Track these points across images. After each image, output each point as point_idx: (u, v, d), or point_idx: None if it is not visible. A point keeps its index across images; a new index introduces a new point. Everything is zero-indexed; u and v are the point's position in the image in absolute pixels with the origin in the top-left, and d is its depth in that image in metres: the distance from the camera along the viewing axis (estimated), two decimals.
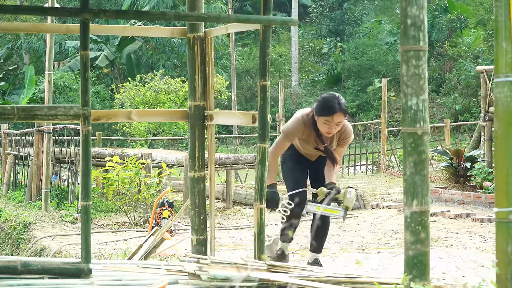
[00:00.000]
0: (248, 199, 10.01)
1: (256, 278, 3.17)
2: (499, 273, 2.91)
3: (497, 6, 2.93)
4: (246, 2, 37.29)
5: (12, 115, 3.37)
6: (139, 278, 3.46)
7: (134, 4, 28.87)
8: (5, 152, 12.76)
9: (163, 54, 29.51)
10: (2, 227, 8.96)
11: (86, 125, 3.47)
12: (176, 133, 19.16)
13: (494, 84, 2.96)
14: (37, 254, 7.15)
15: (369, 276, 3.38)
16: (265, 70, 3.71)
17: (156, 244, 4.93)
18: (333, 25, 32.51)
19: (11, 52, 32.19)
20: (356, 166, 16.19)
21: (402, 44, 3.12)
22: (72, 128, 9.92)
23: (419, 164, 3.09)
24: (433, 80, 28.65)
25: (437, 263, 5.64)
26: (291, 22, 3.90)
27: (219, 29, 4.14)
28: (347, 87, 30.82)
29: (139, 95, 19.26)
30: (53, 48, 8.79)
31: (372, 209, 9.23)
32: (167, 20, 5.32)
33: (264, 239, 3.76)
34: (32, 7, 3.38)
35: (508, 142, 2.92)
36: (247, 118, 3.89)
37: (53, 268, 3.41)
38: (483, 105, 9.92)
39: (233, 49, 13.65)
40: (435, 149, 11.96)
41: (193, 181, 4.12)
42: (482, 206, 8.73)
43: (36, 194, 10.08)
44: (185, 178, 8.98)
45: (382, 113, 15.20)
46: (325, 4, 32.56)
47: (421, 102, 3.10)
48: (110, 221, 8.57)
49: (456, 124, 20.03)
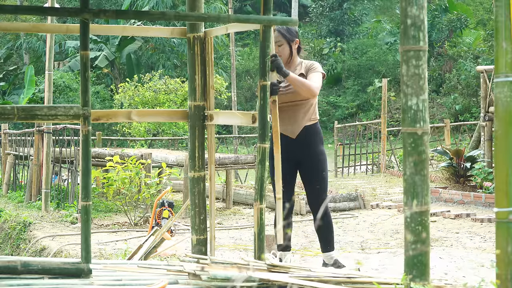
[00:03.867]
0: (248, 199, 10.01)
1: (256, 278, 3.17)
2: (499, 273, 2.91)
3: (497, 6, 2.93)
4: (246, 2, 37.30)
5: (12, 115, 3.37)
6: (139, 278, 3.45)
7: (133, 4, 28.88)
8: (5, 152, 12.76)
9: (163, 54, 29.52)
10: (2, 227, 8.96)
11: (86, 125, 3.47)
12: (176, 133, 19.16)
13: (494, 84, 2.96)
14: (37, 254, 7.15)
15: (369, 276, 3.38)
16: (265, 70, 3.71)
17: (156, 244, 4.93)
18: (333, 25, 32.52)
19: (11, 52, 32.20)
20: (356, 166, 16.20)
21: (402, 44, 3.11)
22: (72, 128, 9.92)
23: (419, 164, 3.09)
24: (433, 80, 28.66)
25: (437, 263, 5.64)
26: (291, 22, 3.90)
27: (219, 29, 4.14)
28: (347, 87, 30.83)
29: (138, 95, 19.27)
30: (53, 48, 8.79)
31: (372, 209, 9.23)
32: (167, 20, 5.32)
33: (264, 239, 3.76)
34: (32, 7, 3.38)
35: (508, 142, 2.92)
36: (247, 118, 3.89)
37: (53, 268, 3.41)
38: (483, 105, 9.92)
39: (233, 49, 13.65)
40: (435, 149, 11.96)
41: (193, 181, 4.11)
42: (482, 206, 8.73)
43: (36, 194, 10.08)
44: (185, 178, 8.98)
45: (382, 113, 15.20)
46: (325, 4, 32.57)
47: (421, 102, 3.10)
48: (110, 221, 8.57)
49: (456, 124, 20.03)
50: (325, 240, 5.21)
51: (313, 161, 5.10)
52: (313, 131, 5.09)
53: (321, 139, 5.15)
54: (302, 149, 5.10)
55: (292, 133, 5.07)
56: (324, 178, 5.12)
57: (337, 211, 9.12)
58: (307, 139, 5.08)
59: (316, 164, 5.10)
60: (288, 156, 4.99)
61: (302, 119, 5.05)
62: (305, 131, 5.07)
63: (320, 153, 5.11)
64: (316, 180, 5.11)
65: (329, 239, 5.20)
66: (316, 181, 5.11)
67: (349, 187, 12.05)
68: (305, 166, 5.14)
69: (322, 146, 5.17)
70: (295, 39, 5.08)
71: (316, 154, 5.10)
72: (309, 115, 5.07)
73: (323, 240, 5.21)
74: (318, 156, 5.10)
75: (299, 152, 5.10)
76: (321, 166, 5.11)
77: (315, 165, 5.11)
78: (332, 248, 5.23)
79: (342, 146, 16.05)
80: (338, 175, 15.66)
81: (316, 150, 5.10)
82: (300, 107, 5.04)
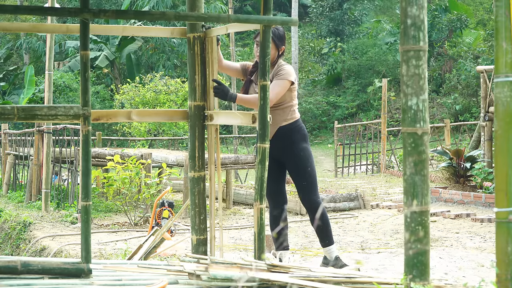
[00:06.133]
0: (248, 199, 10.01)
1: (257, 278, 3.17)
2: (499, 273, 2.91)
3: (497, 6, 2.93)
4: (246, 2, 37.30)
5: (12, 115, 3.37)
6: (139, 278, 3.46)
7: (133, 4, 28.87)
8: (5, 152, 12.76)
9: (163, 54, 29.50)
10: (2, 227, 8.96)
11: (86, 125, 3.47)
12: (176, 133, 19.16)
13: (494, 84, 2.96)
14: (37, 254, 7.15)
15: (369, 276, 3.38)
16: (265, 70, 3.72)
17: (156, 244, 4.93)
18: (333, 25, 32.51)
19: (11, 52, 32.20)
20: (356, 166, 16.20)
21: (402, 44, 3.12)
22: (72, 128, 9.92)
23: (419, 164, 3.09)
24: (433, 80, 28.66)
25: (437, 263, 5.65)
26: (291, 22, 3.90)
27: (219, 29, 4.14)
28: (347, 87, 30.82)
29: (138, 96, 19.27)
30: (53, 48, 8.78)
31: (372, 209, 9.23)
32: (167, 20, 5.32)
33: (264, 239, 3.76)
34: (32, 7, 3.38)
35: (508, 142, 2.92)
36: (247, 118, 3.89)
37: (53, 268, 3.41)
38: (483, 105, 9.92)
39: (233, 49, 13.65)
40: (435, 149, 11.96)
41: (193, 181, 4.12)
42: (482, 206, 8.73)
43: (36, 194, 10.08)
44: (185, 178, 8.98)
45: (382, 113, 15.21)
46: (325, 4, 32.56)
47: (421, 102, 3.10)
48: (110, 221, 8.57)
49: (456, 124, 20.03)
50: (323, 234, 5.28)
51: (294, 159, 5.19)
52: (291, 130, 5.17)
53: (303, 136, 5.21)
54: (282, 149, 5.18)
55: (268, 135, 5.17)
56: (310, 174, 5.19)
57: (337, 211, 9.12)
58: (286, 138, 5.17)
59: (298, 161, 5.18)
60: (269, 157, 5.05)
61: (277, 121, 5.14)
62: (281, 131, 5.16)
63: (301, 150, 5.18)
64: (302, 177, 5.18)
65: (327, 233, 5.27)
66: (301, 178, 5.18)
67: (349, 187, 12.05)
68: (289, 165, 5.24)
69: (305, 143, 5.22)
70: (282, 46, 5.19)
71: (297, 152, 5.18)
72: (284, 116, 5.16)
73: (321, 235, 5.29)
74: (299, 153, 5.18)
75: (279, 152, 5.18)
76: (304, 163, 5.18)
77: (297, 163, 5.18)
78: (331, 242, 5.29)
79: (342, 146, 16.06)
80: (338, 175, 15.67)
81: (297, 148, 5.18)
82: (274, 110, 5.12)
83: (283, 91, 5.05)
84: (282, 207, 5.27)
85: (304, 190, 5.20)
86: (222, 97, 4.37)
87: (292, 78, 5.09)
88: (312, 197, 5.18)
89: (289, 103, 5.17)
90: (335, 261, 5.24)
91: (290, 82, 5.09)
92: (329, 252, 5.29)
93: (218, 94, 4.26)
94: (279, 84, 5.05)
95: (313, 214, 5.24)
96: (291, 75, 5.09)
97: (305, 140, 5.22)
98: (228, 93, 4.42)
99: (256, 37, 5.03)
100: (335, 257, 5.27)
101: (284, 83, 5.07)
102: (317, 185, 5.28)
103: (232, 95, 4.58)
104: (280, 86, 5.05)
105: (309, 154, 5.24)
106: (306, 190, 5.19)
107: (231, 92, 4.51)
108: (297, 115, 5.24)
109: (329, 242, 5.28)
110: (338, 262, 5.24)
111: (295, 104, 5.22)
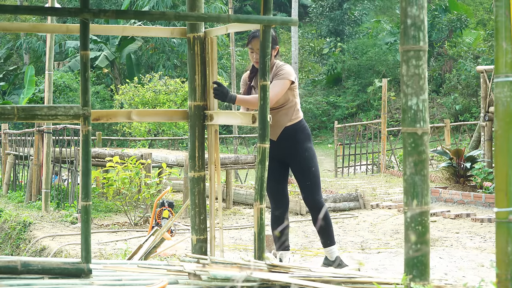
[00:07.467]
0: (248, 199, 10.01)
1: (257, 278, 3.17)
2: (499, 273, 2.91)
3: (497, 6, 2.93)
4: (246, 2, 37.30)
5: (12, 115, 3.37)
6: (139, 278, 3.45)
7: (133, 4, 28.87)
8: (5, 152, 12.76)
9: (163, 54, 29.51)
10: (2, 227, 8.96)
11: (86, 125, 3.47)
12: (176, 133, 19.16)
13: (494, 84, 2.96)
14: (37, 254, 7.15)
15: (369, 276, 3.38)
16: (265, 70, 3.71)
17: (156, 244, 4.93)
18: (333, 25, 32.53)
19: (11, 52, 32.20)
20: (356, 166, 16.20)
21: (402, 44, 3.11)
22: (72, 128, 9.92)
23: (419, 164, 3.09)
24: (433, 80, 28.67)
25: (437, 263, 5.65)
26: (291, 22, 3.90)
27: (219, 29, 4.14)
28: (347, 87, 30.84)
29: (138, 96, 19.28)
30: (53, 48, 8.78)
31: (372, 209, 9.23)
32: (167, 20, 5.32)
33: (264, 239, 3.76)
34: (32, 7, 3.38)
35: (508, 142, 2.92)
36: (247, 118, 3.89)
37: (53, 268, 3.41)
38: (483, 105, 9.92)
39: (233, 49, 13.65)
40: (435, 149, 11.96)
41: (193, 181, 4.12)
42: (482, 206, 8.73)
43: (36, 194, 10.08)
44: (185, 178, 8.98)
45: (382, 113, 15.21)
46: (325, 4, 32.57)
47: (421, 102, 3.10)
48: (110, 221, 8.57)
49: (456, 124, 20.03)
50: (325, 234, 5.29)
51: (299, 158, 5.19)
52: (295, 130, 5.18)
53: (307, 136, 5.22)
54: (286, 149, 5.19)
55: (274, 135, 5.18)
56: (314, 174, 5.19)
57: (337, 211, 9.12)
58: (290, 138, 5.18)
59: (302, 161, 5.19)
60: (273, 157, 5.07)
61: (282, 121, 5.15)
62: (286, 131, 5.17)
63: (305, 150, 5.19)
64: (306, 177, 5.19)
65: (328, 233, 5.29)
66: (305, 177, 5.19)
67: (349, 187, 12.05)
68: (293, 164, 5.24)
69: (309, 143, 5.23)
70: (275, 46, 5.19)
71: (301, 151, 5.18)
72: (289, 117, 5.17)
73: (323, 235, 5.30)
74: (303, 153, 5.19)
75: (284, 152, 5.20)
76: (308, 163, 5.19)
77: (302, 163, 5.19)
78: (333, 242, 5.31)
79: (342, 146, 16.06)
80: (338, 175, 15.67)
81: (301, 148, 5.18)
82: (279, 111, 5.14)
83: (282, 91, 5.06)
84: (284, 207, 5.27)
85: (308, 189, 5.20)
86: (222, 99, 4.37)
87: (292, 77, 5.10)
88: (315, 197, 5.19)
89: (292, 102, 5.18)
90: (336, 262, 5.26)
91: (290, 81, 5.09)
92: (330, 252, 5.30)
93: (218, 96, 4.25)
94: (279, 84, 5.06)
95: (315, 214, 5.24)
96: (291, 74, 5.10)
97: (309, 140, 5.24)
98: (227, 94, 4.41)
99: (248, 44, 5.06)
100: (335, 258, 5.28)
101: (284, 83, 5.07)
102: (321, 185, 5.29)
103: (232, 96, 4.58)
104: (280, 86, 5.06)
105: (313, 154, 5.25)
106: (310, 190, 5.19)
107: (231, 93, 4.51)
108: (300, 114, 5.25)
109: (330, 242, 5.29)
110: (337, 260, 5.26)
111: (298, 103, 5.24)
